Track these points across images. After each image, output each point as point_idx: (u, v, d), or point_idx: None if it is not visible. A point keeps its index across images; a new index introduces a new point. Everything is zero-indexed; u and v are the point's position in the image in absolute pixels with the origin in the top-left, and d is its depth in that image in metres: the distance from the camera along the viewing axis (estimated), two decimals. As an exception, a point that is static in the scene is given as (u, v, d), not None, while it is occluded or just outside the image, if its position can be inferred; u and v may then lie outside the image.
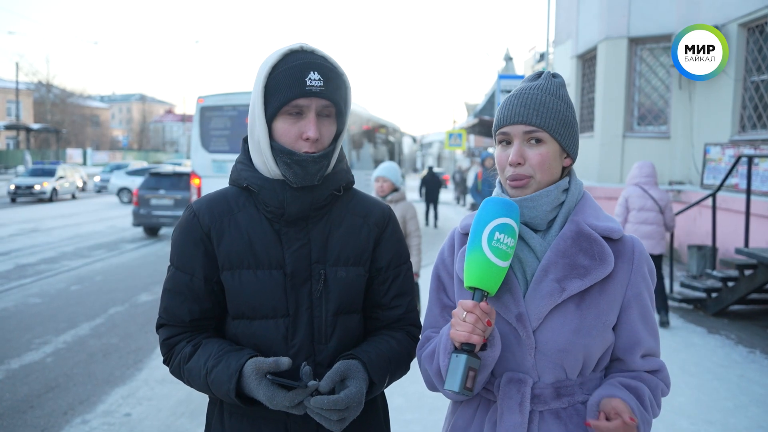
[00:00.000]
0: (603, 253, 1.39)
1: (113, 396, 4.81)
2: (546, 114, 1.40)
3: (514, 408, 1.39)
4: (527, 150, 1.41)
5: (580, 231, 1.41)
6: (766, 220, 7.69)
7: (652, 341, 1.45)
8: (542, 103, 1.41)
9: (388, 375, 1.50)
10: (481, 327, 1.29)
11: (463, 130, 24.94)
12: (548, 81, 1.46)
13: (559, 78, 1.49)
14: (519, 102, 1.43)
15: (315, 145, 1.45)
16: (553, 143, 1.41)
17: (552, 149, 1.41)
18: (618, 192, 9.35)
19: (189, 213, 1.54)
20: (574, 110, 1.46)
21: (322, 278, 1.50)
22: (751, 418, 4.24)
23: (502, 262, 1.31)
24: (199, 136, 10.17)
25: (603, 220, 1.45)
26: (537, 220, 1.43)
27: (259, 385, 1.35)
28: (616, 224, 1.45)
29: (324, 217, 1.53)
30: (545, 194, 1.42)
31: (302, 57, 1.44)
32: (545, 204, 1.42)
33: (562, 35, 15.42)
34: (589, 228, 1.42)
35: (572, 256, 1.38)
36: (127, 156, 56.98)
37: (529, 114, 1.40)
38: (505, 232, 1.31)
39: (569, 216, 1.45)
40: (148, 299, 8.04)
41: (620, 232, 1.43)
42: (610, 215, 1.49)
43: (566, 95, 1.46)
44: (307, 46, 1.47)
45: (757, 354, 5.64)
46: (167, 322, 1.54)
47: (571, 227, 1.42)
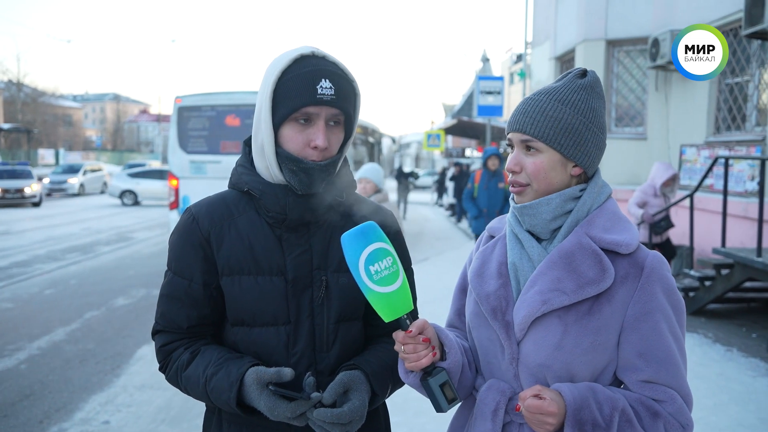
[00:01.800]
0: (599, 268, 1.31)
1: (91, 403, 4.70)
2: (544, 123, 1.34)
3: (487, 415, 1.38)
4: (524, 158, 1.39)
5: (579, 243, 1.34)
6: (741, 220, 7.81)
7: (654, 370, 1.31)
8: (542, 111, 1.35)
9: (390, 385, 1.48)
10: (422, 348, 1.31)
11: (442, 130, 24.99)
12: (570, 82, 1.39)
13: (588, 78, 1.40)
14: (522, 108, 1.39)
15: (322, 154, 1.42)
16: (550, 152, 1.36)
17: (548, 159, 1.36)
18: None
19: (188, 217, 1.50)
20: (587, 116, 1.37)
21: (323, 285, 1.47)
22: (731, 417, 4.29)
23: (395, 283, 1.30)
24: (176, 137, 10.02)
25: (613, 233, 1.36)
26: (538, 228, 1.40)
27: (260, 395, 1.32)
28: (628, 238, 1.35)
29: (326, 223, 1.51)
30: (545, 202, 1.37)
31: (313, 63, 1.40)
32: (545, 212, 1.37)
33: (539, 37, 15.53)
34: (590, 241, 1.35)
35: (562, 269, 1.33)
36: (101, 156, 56.19)
37: (525, 122, 1.37)
38: (376, 259, 1.30)
39: (576, 226, 1.38)
40: (125, 303, 7.90)
41: (630, 247, 1.34)
42: (630, 227, 1.38)
43: (579, 100, 1.37)
44: (319, 51, 1.44)
45: (735, 352, 5.72)
46: (164, 329, 1.51)
47: (572, 239, 1.36)
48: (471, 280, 1.48)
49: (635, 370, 1.33)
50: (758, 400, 4.57)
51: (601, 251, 1.34)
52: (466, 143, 37.04)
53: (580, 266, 1.32)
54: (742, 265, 6.13)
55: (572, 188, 1.39)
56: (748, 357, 5.56)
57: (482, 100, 13.36)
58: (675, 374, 1.33)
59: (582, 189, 1.39)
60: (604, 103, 1.43)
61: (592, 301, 1.32)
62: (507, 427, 1.39)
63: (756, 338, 6.13)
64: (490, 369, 1.43)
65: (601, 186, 1.42)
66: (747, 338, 6.16)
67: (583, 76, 1.41)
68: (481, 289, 1.43)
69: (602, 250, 1.34)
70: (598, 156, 1.40)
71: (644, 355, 1.32)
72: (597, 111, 1.39)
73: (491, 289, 1.41)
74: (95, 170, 31.07)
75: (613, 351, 1.34)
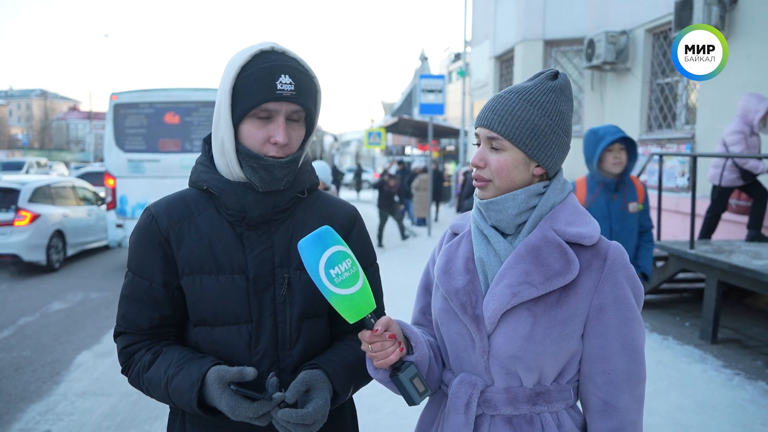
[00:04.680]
0: (564, 260, 1.35)
1: (29, 413, 4.50)
2: (511, 122, 1.37)
3: (460, 409, 1.39)
4: (489, 154, 1.41)
5: (545, 237, 1.38)
6: (673, 214, 8.17)
7: (616, 360, 1.36)
8: (510, 110, 1.37)
9: (352, 384, 1.48)
10: (389, 344, 1.33)
11: (383, 128, 25.08)
12: (540, 83, 1.41)
13: (558, 80, 1.42)
14: (491, 105, 1.41)
15: (283, 150, 1.41)
16: (515, 151, 1.38)
17: (512, 157, 1.38)
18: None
19: (147, 216, 1.47)
20: (554, 118, 1.39)
21: (285, 282, 1.45)
22: (670, 401, 4.49)
23: (357, 284, 1.32)
24: (113, 135, 9.70)
25: (576, 226, 1.40)
26: (503, 224, 1.42)
27: (221, 395, 1.30)
28: (590, 230, 1.39)
29: (287, 220, 1.49)
30: (510, 198, 1.40)
31: (273, 58, 1.39)
32: (511, 208, 1.40)
33: (479, 36, 15.80)
34: (555, 234, 1.38)
35: (530, 263, 1.36)
36: (28, 155, 53.73)
37: (493, 120, 1.39)
38: (336, 263, 1.31)
39: (540, 221, 1.42)
40: (62, 308, 7.59)
41: (592, 239, 1.38)
42: (591, 220, 1.43)
43: (548, 102, 1.38)
44: (279, 46, 1.42)
45: (670, 340, 5.98)
46: (125, 330, 1.47)
47: (537, 233, 1.39)
48: (438, 277, 1.49)
49: (601, 359, 1.37)
50: (694, 385, 4.80)
51: (566, 244, 1.38)
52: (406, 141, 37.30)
53: (547, 259, 1.36)
54: (676, 257, 6.41)
55: (536, 185, 1.42)
56: (682, 345, 5.82)
57: (424, 99, 13.46)
58: (633, 362, 1.37)
59: (545, 185, 1.43)
60: (572, 106, 1.45)
61: (560, 293, 1.36)
62: (479, 420, 1.41)
63: (689, 327, 6.42)
64: (460, 363, 1.45)
65: (563, 183, 1.46)
66: (681, 327, 6.45)
67: (554, 78, 1.42)
68: (449, 285, 1.45)
69: (566, 243, 1.38)
70: (561, 157, 1.44)
71: (609, 345, 1.36)
72: (564, 114, 1.41)
73: (459, 284, 1.43)
74: (42, 166, 28.91)
75: (580, 340, 1.39)
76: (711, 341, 5.83)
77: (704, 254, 5.88)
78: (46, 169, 29.47)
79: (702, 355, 5.50)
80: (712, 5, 7.41)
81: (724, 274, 5.66)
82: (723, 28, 7.46)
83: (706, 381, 4.90)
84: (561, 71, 1.45)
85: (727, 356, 5.47)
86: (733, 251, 6.06)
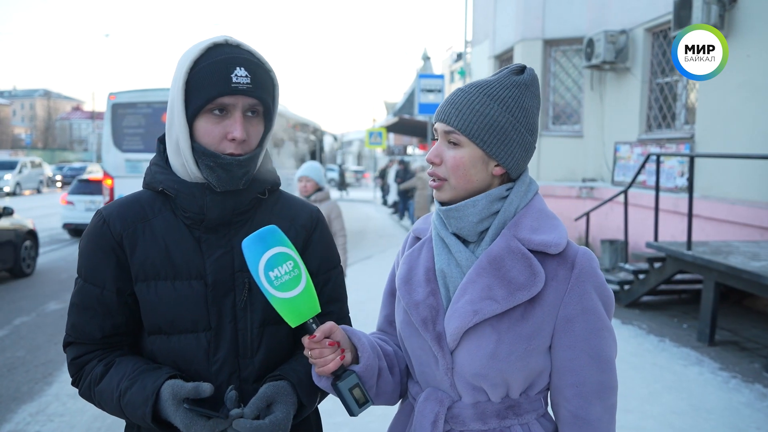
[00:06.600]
0: (529, 272, 1.27)
1: (20, 414, 4.48)
2: (468, 116, 1.29)
3: (426, 427, 1.34)
4: (446, 151, 1.33)
5: (508, 247, 1.29)
6: (672, 215, 8.12)
7: (585, 373, 1.30)
8: (469, 104, 1.30)
9: (319, 394, 1.42)
10: (329, 352, 1.29)
11: (384, 128, 25.02)
12: (504, 78, 1.33)
13: (525, 75, 1.34)
14: (450, 99, 1.34)
15: (241, 147, 1.35)
16: (472, 148, 1.30)
17: (469, 155, 1.30)
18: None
19: (98, 220, 1.40)
20: (516, 115, 1.31)
21: (246, 287, 1.39)
22: (665, 404, 4.45)
23: (297, 288, 1.30)
24: (111, 135, 9.70)
25: (541, 233, 1.31)
26: (465, 231, 1.34)
27: (176, 411, 1.24)
28: (556, 237, 1.30)
29: (248, 222, 1.43)
30: (471, 204, 1.32)
31: (227, 51, 1.33)
32: (471, 215, 1.32)
33: (479, 36, 15.74)
34: (519, 243, 1.30)
35: (492, 276, 1.28)
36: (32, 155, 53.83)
37: (450, 114, 1.31)
38: (276, 264, 1.28)
39: (504, 228, 1.33)
40: (58, 308, 7.57)
41: (559, 246, 1.29)
42: (558, 224, 1.34)
43: (510, 97, 1.30)
44: (232, 39, 1.36)
45: (667, 342, 5.93)
46: (76, 340, 1.41)
47: (500, 242, 1.30)
48: (399, 287, 1.43)
49: (569, 372, 1.31)
50: (690, 388, 4.76)
51: (530, 254, 1.29)
52: (407, 141, 37.25)
53: (510, 272, 1.28)
54: (674, 258, 6.36)
55: (498, 188, 1.34)
56: (679, 347, 5.78)
57: (423, 98, 13.41)
58: (603, 374, 1.32)
59: (509, 188, 1.35)
60: (538, 103, 1.36)
61: (525, 306, 1.29)
62: None
63: (686, 329, 6.38)
64: (425, 378, 1.39)
65: (528, 184, 1.37)
66: (678, 329, 6.40)
67: (521, 72, 1.35)
68: (409, 297, 1.38)
69: (531, 252, 1.30)
70: (524, 158, 1.34)
71: (575, 360, 1.30)
72: (529, 111, 1.33)
73: (420, 297, 1.36)
74: (36, 166, 29.04)
75: (548, 353, 1.32)
76: (708, 343, 5.78)
77: (701, 255, 5.83)
78: (40, 168, 29.53)
79: (699, 358, 5.46)
80: (712, 4, 7.35)
81: (722, 275, 5.61)
82: (722, 27, 7.40)
83: (701, 384, 4.85)
84: (528, 66, 1.37)
85: (725, 358, 5.43)
86: (730, 252, 6.01)
